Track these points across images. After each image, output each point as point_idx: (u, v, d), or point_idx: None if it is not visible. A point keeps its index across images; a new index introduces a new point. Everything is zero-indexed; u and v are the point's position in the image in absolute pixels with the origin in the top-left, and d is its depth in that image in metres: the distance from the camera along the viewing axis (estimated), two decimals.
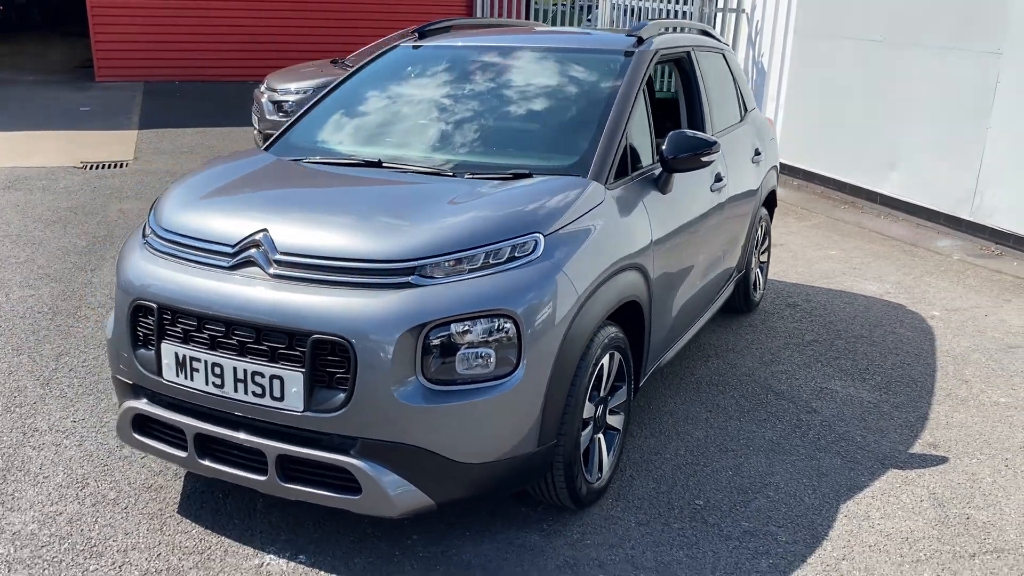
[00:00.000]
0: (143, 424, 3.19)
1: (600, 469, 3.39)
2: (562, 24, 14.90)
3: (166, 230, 3.20)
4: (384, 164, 3.59)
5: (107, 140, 10.53)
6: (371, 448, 2.78)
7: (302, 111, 4.17)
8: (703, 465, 3.75)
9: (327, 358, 2.77)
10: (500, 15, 14.73)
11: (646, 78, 3.90)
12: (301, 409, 2.79)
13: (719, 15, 10.04)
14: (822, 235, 7.69)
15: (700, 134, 3.69)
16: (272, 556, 3.06)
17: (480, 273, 2.86)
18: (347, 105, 4.14)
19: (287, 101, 8.89)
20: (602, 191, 3.37)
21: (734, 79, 5.27)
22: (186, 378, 2.96)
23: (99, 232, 6.95)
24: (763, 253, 5.81)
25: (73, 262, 6.21)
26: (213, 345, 2.90)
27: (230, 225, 3.08)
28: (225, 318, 2.86)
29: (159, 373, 3.02)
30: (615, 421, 3.48)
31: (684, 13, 10.46)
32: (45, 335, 4.93)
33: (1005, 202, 7.13)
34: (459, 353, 2.80)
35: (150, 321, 3.04)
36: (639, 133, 3.78)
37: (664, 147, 3.66)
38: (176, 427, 3.05)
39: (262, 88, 9.35)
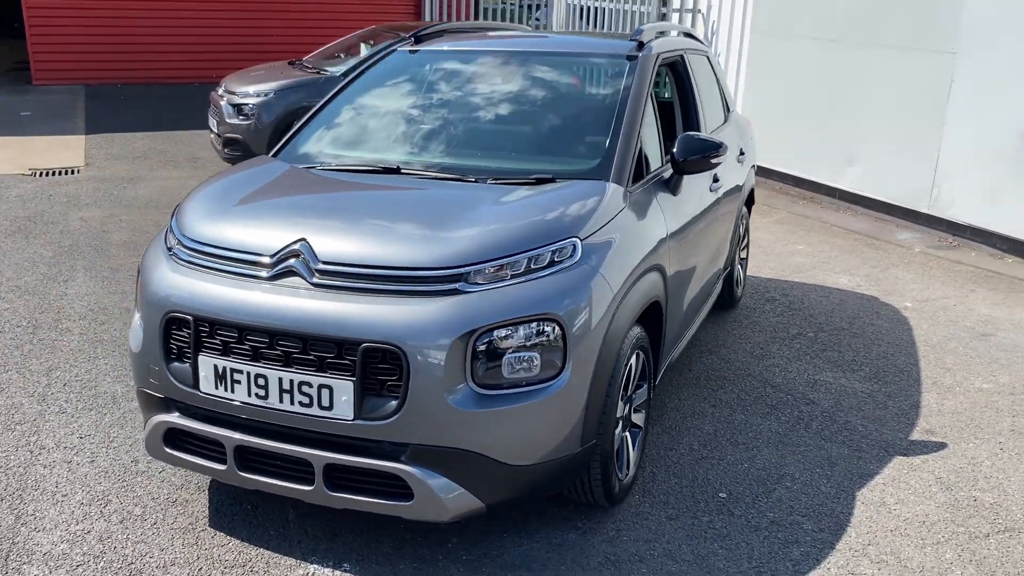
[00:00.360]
0: (175, 438, 3.15)
1: (627, 466, 3.46)
2: (512, 20, 14.95)
3: (196, 240, 3.16)
4: (402, 170, 3.60)
5: (54, 146, 10.23)
6: (422, 454, 2.80)
7: (307, 117, 4.14)
8: (718, 459, 3.85)
9: (378, 366, 2.78)
10: (449, 16, 14.72)
11: (652, 81, 3.98)
12: (351, 418, 2.80)
13: (675, 15, 10.21)
14: (787, 230, 7.91)
15: (709, 136, 3.80)
16: (316, 566, 3.05)
17: (523, 279, 2.90)
18: (353, 110, 4.13)
19: (247, 104, 8.75)
20: (625, 194, 3.44)
21: (717, 81, 5.40)
22: (226, 390, 2.94)
23: (63, 242, 6.76)
24: (743, 250, 5.97)
25: (43, 273, 6.04)
26: (256, 356, 2.88)
27: (266, 235, 3.06)
28: (269, 329, 2.85)
29: (195, 386, 2.99)
30: (638, 419, 3.56)
31: (642, 14, 10.62)
32: (30, 350, 4.80)
33: (961, 195, 7.44)
34: (505, 357, 2.83)
35: (185, 334, 3.00)
36: (649, 136, 3.86)
37: (675, 150, 3.75)
38: (214, 440, 3.02)
39: (220, 91, 9.18)
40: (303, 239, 2.98)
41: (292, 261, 2.95)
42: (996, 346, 5.27)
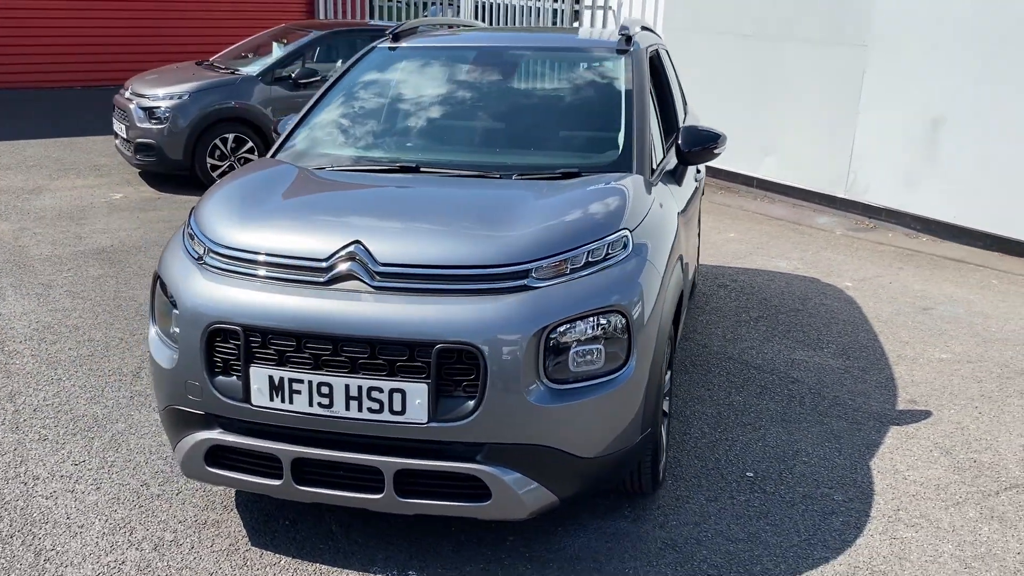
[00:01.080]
0: (218, 456, 3.00)
1: (663, 452, 3.53)
2: (407, 18, 14.84)
3: (232, 247, 3.01)
4: (422, 169, 3.54)
5: None
6: (498, 452, 2.78)
7: (300, 117, 4.00)
8: (732, 440, 3.97)
9: (452, 367, 2.73)
10: (344, 14, 14.45)
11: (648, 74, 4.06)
12: (425, 421, 2.74)
13: (587, 12, 10.38)
14: (715, 219, 8.19)
15: (710, 128, 3.90)
16: (382, 575, 2.98)
17: (584, 273, 2.90)
18: (351, 109, 4.02)
19: (160, 108, 8.35)
20: (648, 186, 3.50)
21: (676, 74, 5.54)
22: (283, 401, 2.82)
23: None
24: (696, 237, 6.15)
25: None
26: (317, 364, 2.78)
27: (313, 238, 2.96)
28: (332, 335, 2.75)
29: (246, 399, 2.86)
30: (665, 405, 3.63)
31: (555, 11, 10.74)
32: None
33: (876, 180, 7.90)
34: (571, 351, 2.84)
35: (232, 346, 2.86)
36: (653, 129, 3.93)
37: (680, 141, 3.84)
38: (268, 455, 2.89)
39: (126, 94, 8.72)
40: (357, 241, 2.89)
41: (349, 264, 2.86)
42: (939, 318, 5.64)
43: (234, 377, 2.89)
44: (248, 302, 2.85)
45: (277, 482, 2.91)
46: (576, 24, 10.60)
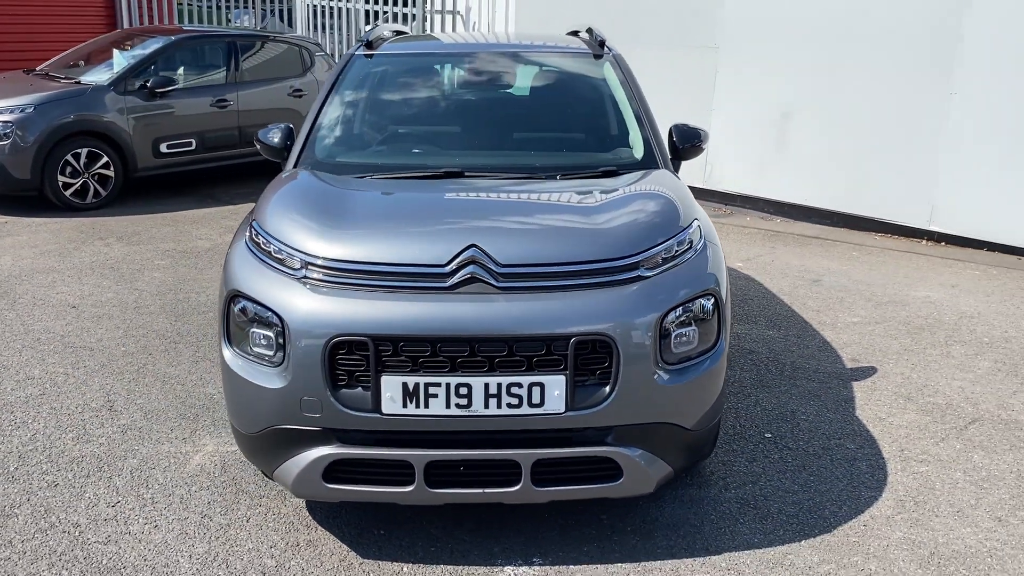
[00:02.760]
0: (336, 471, 2.96)
1: None
2: (209, 23, 14.19)
3: (340, 261, 2.97)
4: (466, 173, 3.63)
5: None
6: (626, 433, 2.96)
7: (308, 129, 3.91)
8: (734, 407, 4.35)
9: (588, 356, 2.89)
10: (150, 19, 13.58)
11: None
12: (563, 410, 2.87)
13: (438, 16, 10.51)
14: None
15: (695, 126, 4.26)
16: (510, 567, 3.06)
17: (677, 261, 3.15)
18: (364, 118, 4.00)
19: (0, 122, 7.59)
20: (678, 178, 3.80)
21: None
22: (418, 407, 2.84)
23: None
24: None
25: None
26: (453, 367, 2.83)
27: (429, 245, 2.99)
28: (469, 337, 2.82)
29: (376, 409, 2.85)
30: None
31: (406, 15, 10.76)
32: None
33: (730, 170, 8.69)
34: (673, 333, 3.07)
35: (357, 357, 2.85)
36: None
37: (675, 138, 4.17)
38: (399, 462, 2.90)
39: None
40: (473, 245, 2.96)
41: (471, 268, 2.92)
42: (831, 288, 6.38)
43: (359, 388, 2.87)
44: (374, 313, 2.85)
45: (408, 488, 2.92)
46: (426, 30, 10.71)
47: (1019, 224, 7.11)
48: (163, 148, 8.42)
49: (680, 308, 3.04)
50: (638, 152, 3.88)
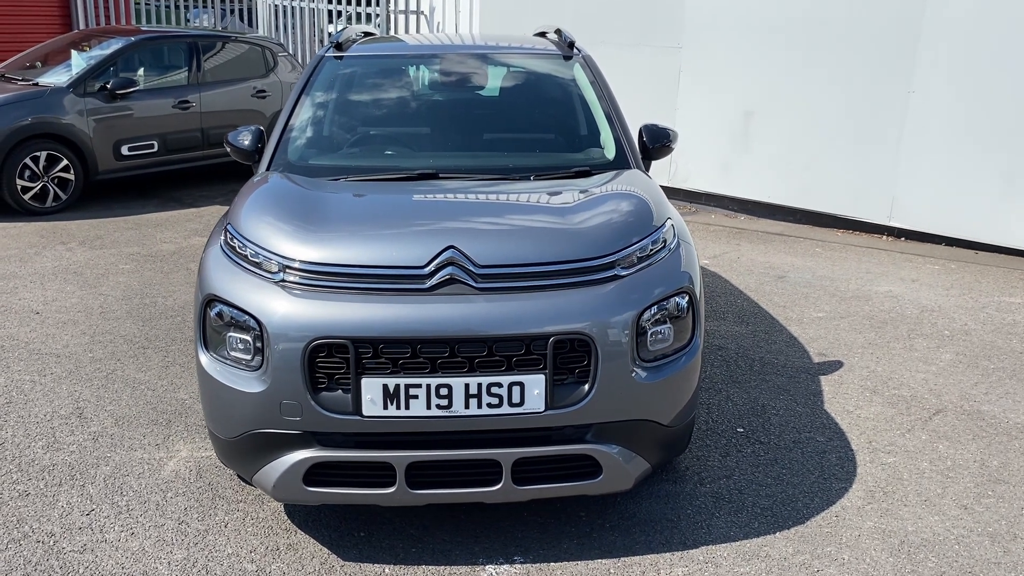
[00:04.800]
0: (314, 475, 2.96)
1: None
2: (167, 23, 14.02)
3: (317, 264, 2.96)
4: (441, 175, 3.64)
5: None
6: (604, 430, 3.00)
7: (280, 131, 3.89)
8: (705, 403, 4.41)
9: (567, 355, 2.91)
10: (107, 20, 13.38)
11: None
12: (542, 409, 2.90)
13: (401, 16, 10.48)
14: None
15: (664, 125, 4.31)
16: (491, 567, 3.08)
17: (652, 260, 3.18)
18: (335, 120, 3.99)
19: None
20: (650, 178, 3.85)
21: None
22: (399, 408, 2.85)
23: None
24: None
25: None
26: (434, 368, 2.85)
27: (406, 247, 3.00)
28: (449, 338, 2.83)
29: (356, 411, 2.86)
30: None
31: (368, 15, 10.71)
32: None
33: (696, 168, 8.78)
34: (649, 331, 3.11)
35: (337, 360, 2.85)
36: None
37: (645, 138, 4.22)
38: (380, 464, 2.91)
39: None
40: (452, 246, 2.97)
41: (449, 269, 2.93)
42: (796, 284, 6.49)
43: (339, 391, 2.87)
44: (353, 315, 2.85)
45: (389, 490, 2.93)
46: (391, 31, 10.67)
47: (976, 219, 7.29)
48: (124, 150, 8.31)
49: (656, 306, 3.08)
50: (610, 152, 3.92)
